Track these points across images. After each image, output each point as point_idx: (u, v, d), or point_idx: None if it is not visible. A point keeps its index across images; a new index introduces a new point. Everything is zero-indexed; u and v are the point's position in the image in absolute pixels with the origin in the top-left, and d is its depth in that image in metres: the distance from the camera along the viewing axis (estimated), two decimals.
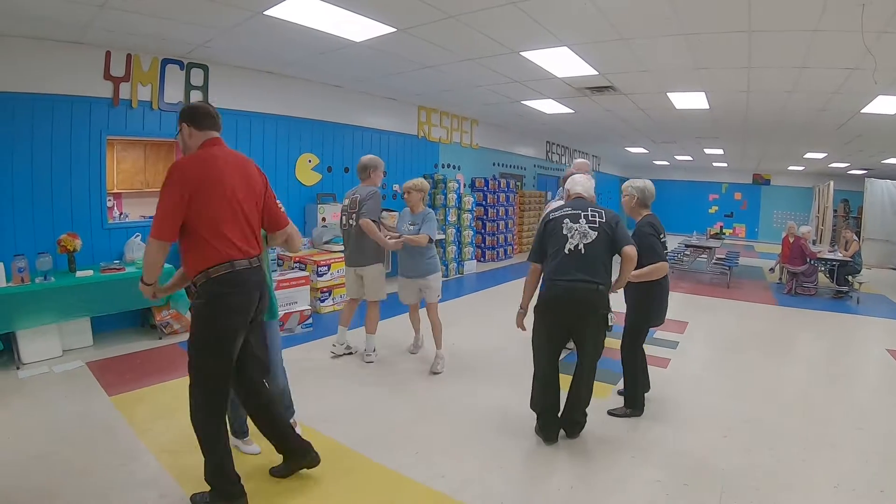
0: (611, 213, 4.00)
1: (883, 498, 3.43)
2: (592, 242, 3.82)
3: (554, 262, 3.87)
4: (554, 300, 3.86)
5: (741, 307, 9.55)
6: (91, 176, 6.41)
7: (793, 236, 11.24)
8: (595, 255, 3.82)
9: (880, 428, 4.55)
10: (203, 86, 7.33)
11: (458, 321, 7.14)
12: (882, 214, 16.38)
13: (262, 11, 5.29)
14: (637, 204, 4.65)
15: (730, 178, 25.37)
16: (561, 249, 3.85)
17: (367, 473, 3.61)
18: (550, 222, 3.99)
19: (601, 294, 3.81)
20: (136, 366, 5.53)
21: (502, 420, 4.43)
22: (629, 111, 10.70)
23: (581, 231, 3.85)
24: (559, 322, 3.91)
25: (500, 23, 5.60)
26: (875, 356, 6.90)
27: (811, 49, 5.80)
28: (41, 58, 5.87)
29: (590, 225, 3.87)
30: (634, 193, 4.65)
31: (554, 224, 3.96)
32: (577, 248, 3.82)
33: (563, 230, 3.88)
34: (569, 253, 3.82)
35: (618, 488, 3.50)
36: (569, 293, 3.79)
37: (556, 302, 3.85)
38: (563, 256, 3.83)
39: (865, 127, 10.26)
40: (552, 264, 3.88)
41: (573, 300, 3.80)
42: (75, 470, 3.49)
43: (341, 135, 9.64)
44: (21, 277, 5.29)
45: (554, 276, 3.84)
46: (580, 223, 3.87)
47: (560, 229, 3.90)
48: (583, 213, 3.92)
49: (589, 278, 3.78)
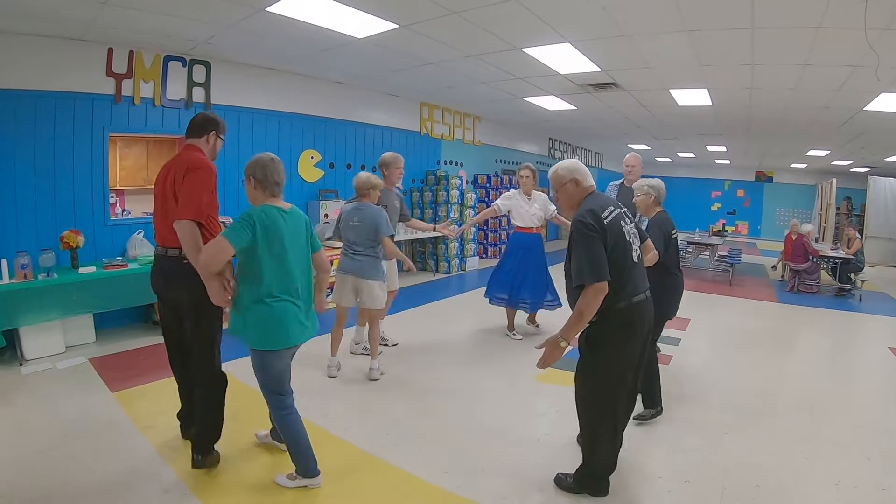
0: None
1: (884, 496, 3.44)
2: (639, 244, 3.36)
3: (624, 277, 3.07)
4: (639, 325, 3.18)
5: (743, 304, 9.55)
6: (94, 173, 6.42)
7: (796, 234, 11.23)
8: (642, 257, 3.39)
9: (882, 426, 4.55)
10: (205, 83, 7.34)
11: (460, 318, 7.15)
12: (885, 212, 16.35)
13: (264, 8, 5.29)
14: (654, 202, 4.60)
15: (732, 176, 25.31)
16: (630, 259, 3.13)
17: (369, 470, 3.62)
18: (610, 225, 3.07)
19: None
20: (138, 362, 5.55)
21: (503, 416, 4.44)
22: (632, 108, 10.67)
23: (633, 233, 3.25)
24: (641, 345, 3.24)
25: (503, 19, 5.59)
26: (877, 354, 6.89)
27: (814, 46, 5.78)
28: (44, 55, 5.88)
29: (633, 224, 3.33)
30: (651, 192, 4.60)
31: (615, 227, 3.09)
32: (640, 257, 3.27)
33: (626, 236, 3.15)
34: (637, 262, 3.21)
35: (619, 485, 3.50)
36: (650, 313, 3.26)
37: (641, 327, 3.19)
38: (634, 267, 3.15)
39: (868, 124, 10.23)
40: (622, 280, 3.06)
41: (650, 320, 3.29)
42: (78, 466, 3.50)
43: (343, 131, 9.64)
44: (24, 274, 5.30)
45: (633, 294, 3.12)
46: (629, 224, 3.24)
47: (623, 234, 3.13)
48: (622, 209, 3.28)
49: (648, 285, 3.32)
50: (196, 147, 3.61)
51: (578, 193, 3.32)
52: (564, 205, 3.43)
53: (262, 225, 3.07)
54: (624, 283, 3.07)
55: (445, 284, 10.20)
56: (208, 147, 3.67)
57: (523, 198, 6.52)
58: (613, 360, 3.17)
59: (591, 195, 3.28)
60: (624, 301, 3.07)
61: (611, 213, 3.12)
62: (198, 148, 3.61)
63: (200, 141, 3.64)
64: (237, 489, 3.34)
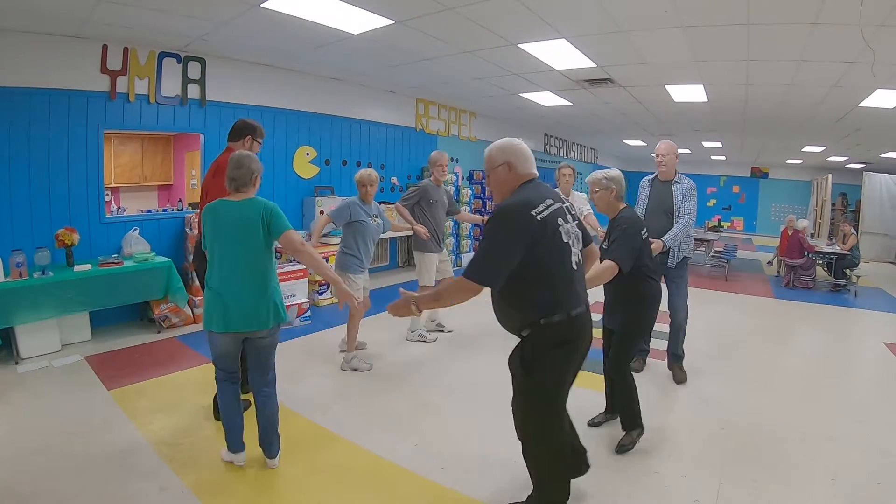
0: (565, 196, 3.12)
1: (880, 491, 3.45)
2: (581, 248, 2.90)
3: (559, 286, 2.65)
4: (581, 342, 2.76)
5: (739, 300, 9.58)
6: (89, 170, 6.40)
7: (792, 229, 11.26)
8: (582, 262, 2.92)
9: (878, 421, 4.57)
10: (200, 79, 7.31)
11: (455, 313, 7.13)
12: (880, 208, 16.42)
13: (259, 4, 5.26)
14: (615, 198, 3.93)
15: (728, 171, 25.34)
16: (567, 264, 2.67)
17: (366, 465, 3.62)
18: (544, 222, 2.60)
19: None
20: (134, 360, 5.54)
21: (500, 411, 4.44)
22: (627, 104, 10.67)
23: (575, 234, 2.78)
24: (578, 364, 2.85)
25: (499, 15, 5.58)
26: (873, 349, 6.91)
27: (810, 42, 5.78)
28: (38, 52, 5.85)
29: (576, 223, 2.86)
30: (611, 186, 3.91)
31: (549, 225, 2.62)
32: (580, 262, 2.80)
33: (564, 237, 2.67)
34: (577, 268, 2.74)
35: (617, 480, 3.51)
36: (590, 327, 2.83)
37: (582, 343, 2.77)
38: (572, 274, 2.70)
39: (864, 120, 10.25)
40: (557, 288, 2.64)
41: (590, 336, 2.85)
42: (75, 464, 3.50)
43: (339, 128, 9.62)
44: (19, 272, 5.28)
45: (572, 306, 2.67)
46: (570, 223, 2.77)
47: (559, 235, 2.65)
48: (563, 204, 2.80)
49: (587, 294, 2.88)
50: (234, 150, 4.01)
51: (512, 180, 2.81)
52: (495, 192, 2.94)
53: (206, 220, 3.40)
54: (559, 293, 2.64)
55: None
56: (245, 149, 4.08)
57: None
58: (552, 381, 2.74)
59: (527, 183, 2.79)
60: (561, 314, 2.62)
61: (547, 207, 2.63)
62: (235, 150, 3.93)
63: (238, 144, 4.26)
64: (234, 486, 3.34)
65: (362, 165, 10.02)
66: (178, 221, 7.35)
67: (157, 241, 6.88)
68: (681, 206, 5.09)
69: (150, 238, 6.77)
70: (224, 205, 3.36)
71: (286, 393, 4.23)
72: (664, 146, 5.36)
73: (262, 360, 3.48)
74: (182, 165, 9.07)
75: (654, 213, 5.21)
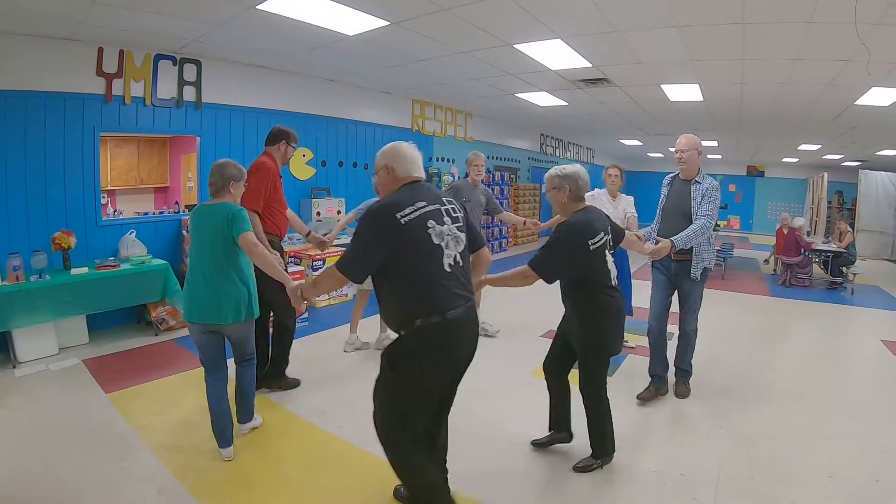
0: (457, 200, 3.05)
1: (878, 488, 3.46)
2: (464, 250, 2.84)
3: (425, 287, 2.63)
4: (454, 347, 2.71)
5: (736, 298, 9.60)
6: (85, 173, 6.39)
7: (787, 228, 11.28)
8: (468, 264, 2.89)
9: (875, 418, 4.58)
10: (196, 81, 7.30)
11: None
12: (876, 206, 16.48)
13: (254, 6, 5.27)
14: (570, 198, 3.49)
15: (724, 170, 25.34)
16: (439, 265, 2.64)
17: (365, 467, 3.62)
18: (410, 224, 2.61)
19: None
20: (132, 362, 5.53)
21: (496, 411, 4.44)
22: (623, 103, 10.69)
23: (453, 236, 2.75)
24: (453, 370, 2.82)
25: (494, 15, 5.59)
26: (870, 346, 6.93)
27: (805, 41, 5.80)
28: (33, 55, 5.84)
29: (457, 225, 2.81)
30: (565, 184, 3.47)
31: (415, 227, 2.62)
32: (458, 263, 2.73)
33: (436, 238, 2.65)
34: (451, 271, 2.67)
35: (614, 478, 3.52)
36: (470, 332, 2.79)
37: (456, 349, 2.72)
38: (447, 276, 2.66)
39: (859, 119, 10.28)
40: (422, 290, 2.63)
41: (470, 342, 2.82)
42: (73, 467, 3.50)
43: (335, 129, 9.61)
44: (16, 276, 5.27)
45: (445, 308, 2.61)
46: (448, 224, 2.76)
47: (429, 237, 2.64)
48: (441, 206, 2.79)
49: (471, 296, 2.81)
50: (269, 153, 4.73)
51: (392, 183, 2.85)
52: (379, 194, 3.04)
53: (190, 221, 3.79)
54: (431, 294, 2.62)
55: None
56: (280, 153, 4.78)
57: (608, 199, 5.95)
58: (415, 384, 2.68)
59: (406, 185, 2.81)
60: (435, 316, 2.59)
61: (417, 210, 2.64)
62: (270, 154, 4.73)
63: (273, 148, 4.76)
64: (233, 489, 3.34)
65: (359, 167, 10.03)
66: (175, 224, 7.34)
67: (154, 243, 6.87)
68: (699, 209, 4.47)
69: (147, 241, 6.77)
70: (201, 208, 3.73)
71: (287, 395, 4.23)
72: (684, 140, 4.62)
73: (237, 346, 3.83)
74: (178, 168, 9.05)
75: (671, 216, 4.66)
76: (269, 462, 3.66)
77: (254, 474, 3.51)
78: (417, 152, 2.94)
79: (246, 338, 3.82)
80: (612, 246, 3.51)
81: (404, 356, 2.66)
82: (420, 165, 2.91)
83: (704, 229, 4.39)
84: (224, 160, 3.75)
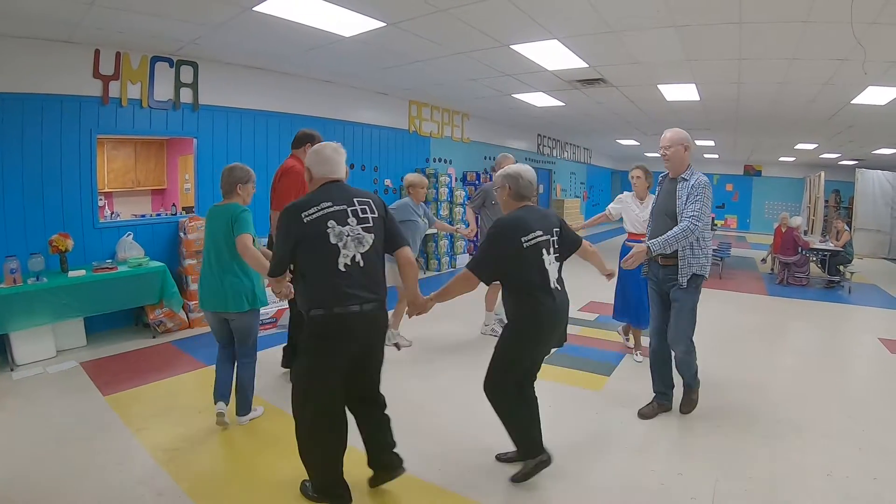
0: (378, 199, 3.20)
1: (876, 485, 3.46)
2: (370, 250, 2.98)
3: (316, 284, 2.89)
4: (339, 340, 2.88)
5: (733, 297, 9.62)
6: (82, 175, 6.38)
7: (785, 227, 11.29)
8: (376, 264, 3.03)
9: (873, 416, 4.58)
10: (193, 83, 7.30)
11: (451, 315, 7.12)
12: (873, 204, 16.51)
13: (251, 7, 5.26)
14: (511, 197, 3.48)
15: (721, 170, 25.39)
16: (333, 264, 2.85)
17: (363, 470, 3.61)
18: (311, 224, 2.88)
19: (386, 313, 3.12)
20: (130, 365, 5.52)
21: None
22: (620, 104, 10.70)
23: (356, 236, 2.92)
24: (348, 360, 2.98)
25: (491, 16, 5.59)
26: (868, 345, 6.95)
27: (802, 40, 5.81)
28: (30, 57, 5.83)
29: (363, 226, 2.98)
30: (506, 183, 3.47)
31: (316, 227, 2.87)
32: (357, 262, 2.90)
33: (333, 238, 2.87)
34: (347, 270, 2.86)
35: (612, 477, 3.52)
36: (363, 328, 2.94)
37: (340, 342, 2.89)
38: (342, 275, 2.85)
39: (856, 117, 10.31)
40: (314, 286, 2.89)
41: (364, 330, 2.96)
42: (71, 470, 3.49)
43: (332, 130, 9.58)
44: (13, 279, 5.27)
45: (334, 304, 2.83)
46: (349, 224, 2.94)
47: (326, 237, 2.86)
48: (349, 207, 2.98)
49: (374, 296, 2.96)
50: (295, 156, 4.91)
51: (311, 185, 3.13)
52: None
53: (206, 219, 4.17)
54: (322, 290, 2.85)
55: (437, 282, 10.19)
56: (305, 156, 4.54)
57: (636, 201, 5.83)
58: (310, 366, 2.94)
59: (321, 187, 3.06)
60: (321, 310, 2.83)
61: (321, 210, 2.88)
62: (296, 156, 4.88)
63: (299, 151, 4.89)
64: (232, 491, 3.34)
65: (356, 168, 10.03)
66: (172, 226, 7.33)
67: (151, 245, 6.86)
68: (684, 209, 4.08)
69: (144, 243, 6.76)
70: (213, 208, 4.11)
71: (286, 398, 4.20)
72: (668, 136, 4.38)
73: (240, 337, 4.11)
74: (175, 170, 9.04)
75: (658, 217, 4.36)
76: (267, 464, 3.65)
77: (252, 477, 3.50)
78: (339, 154, 3.16)
79: (248, 327, 4.11)
80: (557, 249, 3.42)
81: (303, 341, 2.98)
82: (339, 166, 3.14)
83: (687, 232, 3.94)
84: (233, 164, 4.12)
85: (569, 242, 3.57)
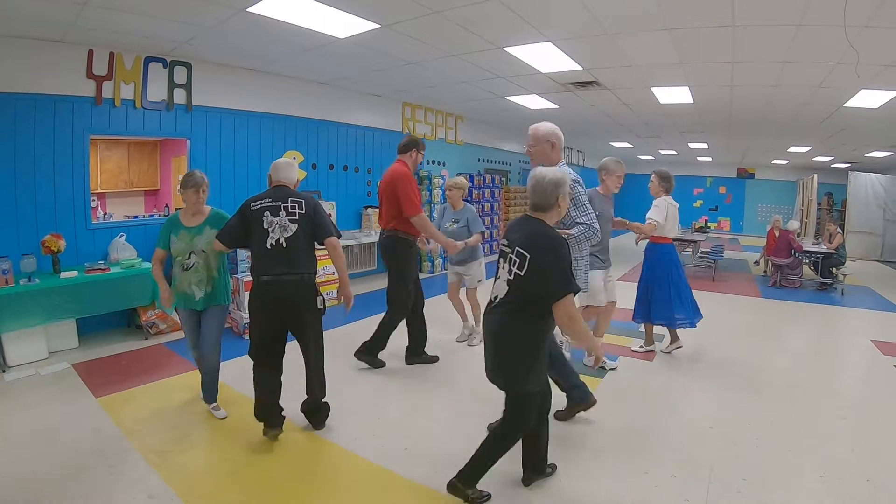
0: (310, 201, 4.05)
1: (869, 487, 3.47)
2: (293, 236, 3.87)
3: (257, 257, 3.90)
4: (265, 301, 3.89)
5: (726, 300, 9.64)
6: (75, 176, 6.35)
7: (778, 230, 11.33)
8: (297, 247, 3.89)
9: (866, 417, 4.61)
10: (186, 84, 7.28)
11: (446, 317, 7.11)
12: (866, 207, 16.60)
13: (245, 8, 5.26)
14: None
15: (714, 172, 25.49)
16: (262, 245, 3.85)
17: (357, 470, 3.61)
18: (253, 213, 3.91)
19: (307, 284, 3.95)
20: (122, 367, 5.50)
21: (491, 415, 4.44)
22: (613, 106, 10.73)
23: (282, 225, 3.86)
24: (272, 316, 3.92)
25: (485, 18, 5.60)
26: (860, 346, 6.98)
27: (794, 44, 5.84)
28: (23, 57, 5.81)
29: (290, 217, 3.89)
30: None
31: (255, 216, 3.89)
32: (280, 243, 3.84)
33: (265, 224, 3.86)
34: (271, 249, 3.84)
35: (606, 481, 3.52)
36: (276, 294, 3.85)
37: (266, 303, 3.89)
38: (266, 254, 3.84)
39: (849, 121, 10.35)
40: (256, 259, 3.91)
41: (282, 295, 3.86)
42: (63, 472, 3.47)
43: (326, 132, 9.61)
44: (5, 279, 5.24)
45: (260, 274, 3.87)
46: (280, 216, 3.88)
47: (260, 223, 3.86)
48: (283, 204, 3.91)
49: (292, 271, 3.86)
50: (402, 161, 5.43)
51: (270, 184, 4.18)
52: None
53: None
54: (256, 263, 3.91)
55: (429, 284, 10.17)
56: (411, 160, 5.48)
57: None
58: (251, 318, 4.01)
59: (272, 188, 4.09)
60: (254, 277, 3.91)
61: (262, 203, 3.92)
62: (403, 161, 5.42)
63: (406, 156, 5.46)
64: (224, 493, 3.32)
65: (349, 170, 10.03)
66: None
67: (144, 246, 6.82)
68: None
69: (137, 244, 6.73)
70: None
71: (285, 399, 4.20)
72: (530, 132, 4.59)
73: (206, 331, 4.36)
74: (169, 171, 9.01)
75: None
76: (259, 468, 3.64)
77: (244, 480, 3.49)
78: (290, 166, 4.25)
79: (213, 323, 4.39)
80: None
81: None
82: (287, 174, 4.17)
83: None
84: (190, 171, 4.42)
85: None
